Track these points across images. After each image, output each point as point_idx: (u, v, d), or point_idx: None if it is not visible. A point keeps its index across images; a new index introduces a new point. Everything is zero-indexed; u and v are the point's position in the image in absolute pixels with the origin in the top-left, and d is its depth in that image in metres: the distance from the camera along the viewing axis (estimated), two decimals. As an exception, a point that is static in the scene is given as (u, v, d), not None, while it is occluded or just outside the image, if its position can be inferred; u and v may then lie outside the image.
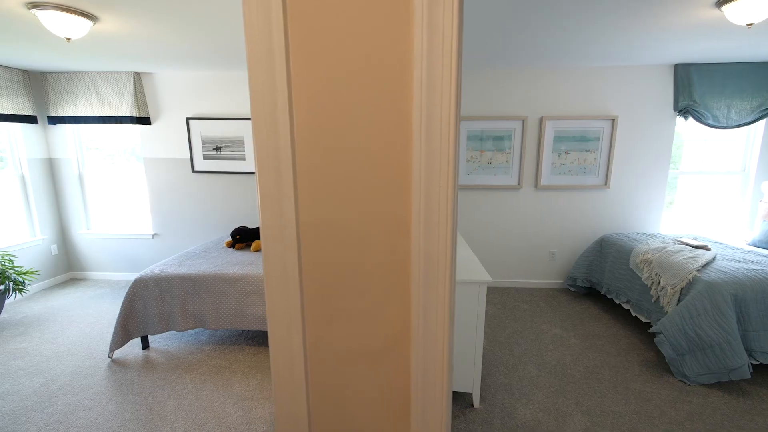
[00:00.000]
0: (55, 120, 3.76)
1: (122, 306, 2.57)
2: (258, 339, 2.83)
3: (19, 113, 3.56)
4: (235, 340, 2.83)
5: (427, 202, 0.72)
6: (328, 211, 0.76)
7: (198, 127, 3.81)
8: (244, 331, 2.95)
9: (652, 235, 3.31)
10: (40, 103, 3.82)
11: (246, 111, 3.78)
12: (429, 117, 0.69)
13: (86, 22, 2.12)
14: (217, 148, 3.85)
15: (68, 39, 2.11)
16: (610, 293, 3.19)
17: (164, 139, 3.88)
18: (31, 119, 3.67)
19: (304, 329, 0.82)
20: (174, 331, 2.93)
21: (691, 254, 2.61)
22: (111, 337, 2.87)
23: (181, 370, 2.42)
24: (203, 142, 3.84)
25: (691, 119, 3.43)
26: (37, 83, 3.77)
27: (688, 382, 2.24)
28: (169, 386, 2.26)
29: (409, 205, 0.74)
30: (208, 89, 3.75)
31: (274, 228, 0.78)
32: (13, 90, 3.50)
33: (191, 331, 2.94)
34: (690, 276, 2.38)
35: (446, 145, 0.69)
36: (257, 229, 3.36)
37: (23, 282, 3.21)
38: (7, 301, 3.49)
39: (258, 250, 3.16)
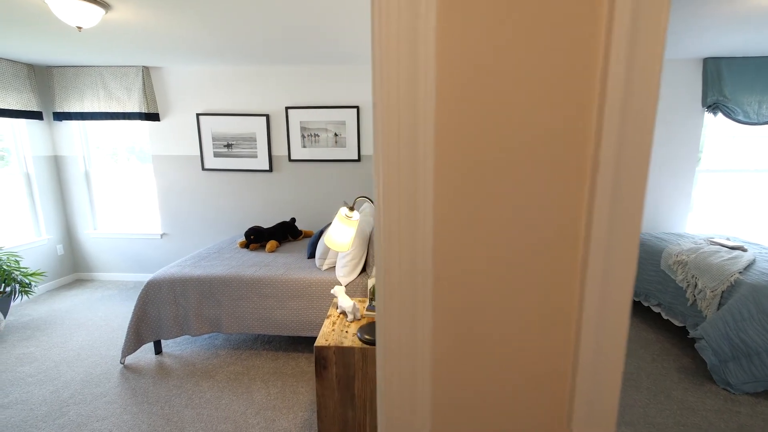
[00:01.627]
0: (60, 116, 3.65)
1: (134, 309, 2.46)
2: (274, 343, 2.72)
3: (24, 109, 3.44)
4: (251, 344, 2.72)
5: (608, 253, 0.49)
6: (471, 261, 0.52)
7: (208, 124, 3.69)
8: (259, 335, 2.83)
9: (680, 235, 3.19)
10: (45, 99, 3.70)
11: (258, 107, 3.66)
12: (623, 122, 0.46)
13: (99, 10, 2.00)
14: (228, 146, 3.73)
15: (79, 28, 2.00)
16: (638, 295, 3.08)
17: (173, 135, 3.76)
18: (36, 115, 3.55)
19: (433, 415, 0.59)
20: (187, 336, 2.82)
21: (729, 255, 2.50)
22: (122, 341, 2.76)
23: (198, 377, 2.31)
24: (214, 139, 3.73)
25: (720, 115, 3.31)
26: (43, 78, 3.65)
27: (733, 391, 2.13)
28: (186, 394, 2.15)
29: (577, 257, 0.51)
30: (219, 85, 3.63)
31: (398, 275, 0.55)
32: (18, 85, 3.39)
33: (205, 336, 2.83)
34: (732, 278, 2.26)
35: (643, 164, 0.46)
36: (271, 228, 3.24)
37: (29, 284, 3.10)
38: (12, 304, 3.38)
39: (273, 250, 3.05)
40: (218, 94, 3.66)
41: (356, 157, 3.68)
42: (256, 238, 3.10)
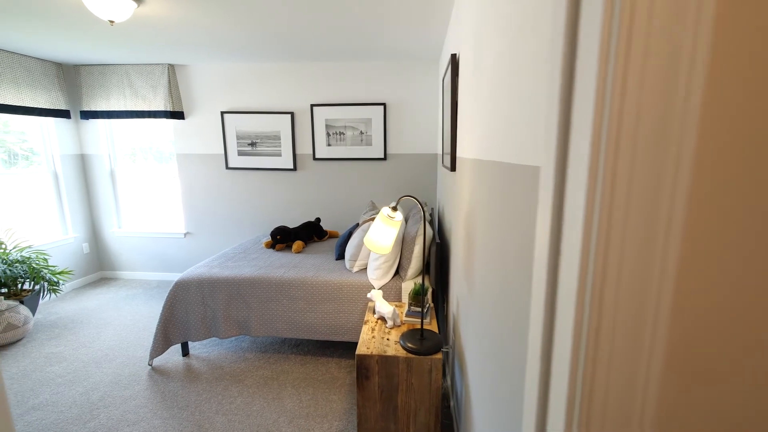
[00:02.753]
0: (87, 114, 3.65)
1: (162, 311, 2.41)
2: (303, 347, 2.64)
3: (52, 107, 3.45)
4: (279, 348, 2.64)
5: None
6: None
7: (233, 122, 3.65)
8: (287, 338, 2.76)
9: None
10: (73, 97, 3.71)
11: (282, 105, 3.59)
12: None
13: (131, 4, 1.95)
14: (252, 144, 3.68)
15: (111, 22, 1.95)
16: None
17: (198, 134, 3.73)
18: (64, 114, 3.57)
19: None
20: (214, 338, 2.76)
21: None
22: (149, 341, 2.72)
23: (227, 381, 2.25)
24: (238, 138, 3.68)
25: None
26: (71, 76, 3.66)
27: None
28: (216, 399, 2.08)
29: None
30: (244, 82, 3.58)
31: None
32: (47, 83, 3.40)
33: (231, 339, 2.77)
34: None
35: None
36: (297, 228, 3.17)
37: (57, 282, 3.10)
38: (40, 302, 3.40)
39: (299, 251, 2.97)
40: (243, 92, 3.61)
41: (382, 156, 3.58)
42: (282, 238, 3.03)
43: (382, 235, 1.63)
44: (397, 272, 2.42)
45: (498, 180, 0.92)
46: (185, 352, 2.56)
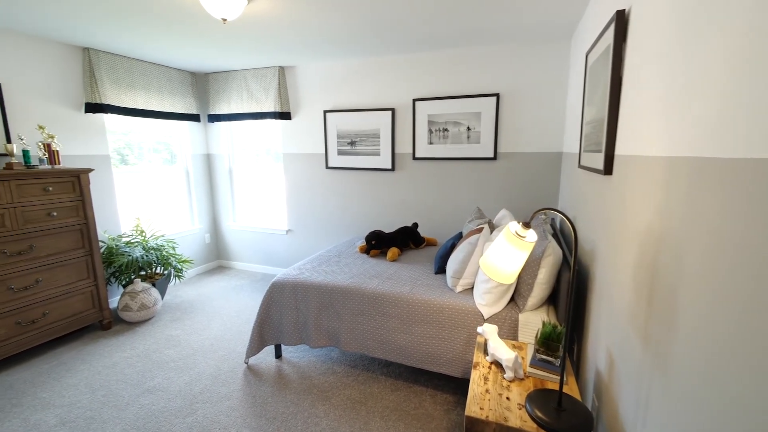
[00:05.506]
0: (213, 117, 4.02)
1: (259, 310, 2.40)
2: (394, 369, 2.37)
3: (187, 112, 3.88)
4: (368, 364, 2.42)
5: None
6: None
7: (334, 121, 3.60)
8: (376, 353, 2.53)
9: None
10: (201, 102, 4.14)
11: (383, 101, 3.39)
12: None
13: (242, 1, 1.92)
14: (352, 143, 3.57)
15: (224, 20, 1.94)
16: None
17: (302, 133, 3.79)
18: (195, 117, 3.98)
19: None
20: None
21: None
22: (248, 337, 2.79)
23: (314, 396, 2.10)
24: (338, 137, 3.61)
25: None
26: (201, 84, 4.07)
27: None
28: (302, 416, 1.94)
29: None
30: (346, 80, 3.49)
31: None
32: (183, 90, 3.82)
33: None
34: None
35: None
36: (392, 234, 2.93)
37: (181, 269, 3.43)
38: (169, 286, 3.85)
39: (394, 259, 2.72)
40: (345, 90, 3.52)
41: (491, 155, 3.10)
42: (377, 243, 2.82)
43: (506, 258, 1.22)
44: (512, 299, 1.96)
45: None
46: (278, 354, 2.52)
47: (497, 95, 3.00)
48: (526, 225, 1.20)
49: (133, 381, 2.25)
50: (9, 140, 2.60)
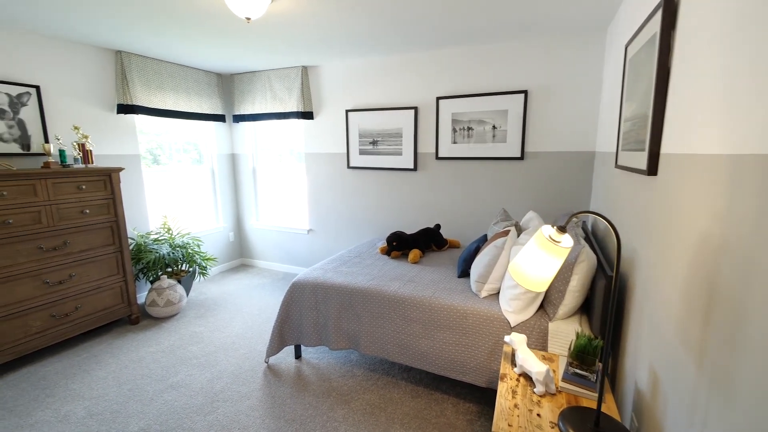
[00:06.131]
0: (237, 118, 4.08)
1: (279, 309, 2.40)
2: (415, 374, 2.31)
3: (213, 112, 3.95)
4: (388, 368, 2.37)
5: None
6: None
7: (356, 120, 3.57)
8: (396, 357, 2.47)
9: None
10: (227, 103, 4.21)
11: (406, 99, 3.33)
12: None
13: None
14: (374, 142, 3.53)
15: (248, 19, 1.94)
16: None
17: (324, 133, 3.78)
18: (221, 118, 4.05)
19: None
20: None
21: None
22: (268, 336, 2.79)
23: (333, 399, 2.07)
24: (360, 136, 3.58)
25: None
26: (227, 84, 4.14)
27: None
28: (321, 420, 1.91)
29: None
30: (368, 78, 3.45)
31: None
32: (209, 92, 3.89)
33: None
34: None
35: None
36: (414, 235, 2.86)
37: (205, 267, 3.49)
38: (194, 282, 3.93)
39: (416, 261, 2.65)
40: (367, 89, 3.48)
41: (518, 155, 2.97)
42: (398, 244, 2.76)
43: (538, 264, 1.14)
44: (541, 306, 1.86)
45: None
46: (298, 354, 2.51)
47: (525, 92, 2.87)
48: (561, 229, 1.11)
49: (158, 376, 2.29)
50: (47, 140, 2.72)
